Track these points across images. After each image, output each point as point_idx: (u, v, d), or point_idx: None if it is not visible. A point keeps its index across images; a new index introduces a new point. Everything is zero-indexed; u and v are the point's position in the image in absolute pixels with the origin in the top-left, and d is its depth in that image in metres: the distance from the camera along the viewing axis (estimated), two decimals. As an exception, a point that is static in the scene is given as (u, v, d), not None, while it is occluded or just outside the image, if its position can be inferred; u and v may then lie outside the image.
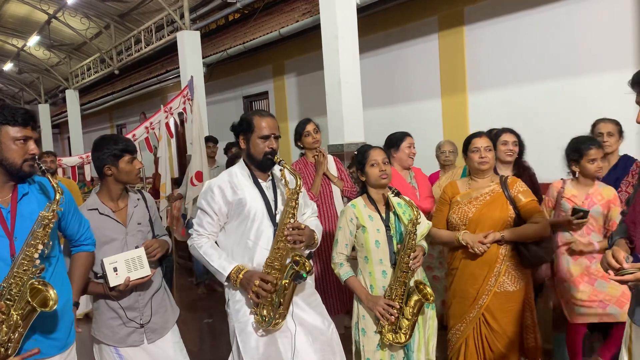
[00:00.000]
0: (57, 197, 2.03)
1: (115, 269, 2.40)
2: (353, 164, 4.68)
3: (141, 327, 2.56)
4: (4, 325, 1.90)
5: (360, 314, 2.70)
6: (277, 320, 2.43)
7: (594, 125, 3.54)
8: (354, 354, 2.76)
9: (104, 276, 2.42)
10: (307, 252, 2.50)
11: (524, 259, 2.88)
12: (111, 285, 2.42)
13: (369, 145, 2.84)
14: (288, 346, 2.47)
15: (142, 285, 2.53)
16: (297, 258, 2.41)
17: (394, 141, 3.80)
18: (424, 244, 2.80)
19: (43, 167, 2.08)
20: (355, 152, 2.80)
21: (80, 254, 2.39)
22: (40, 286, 1.94)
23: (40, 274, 2.00)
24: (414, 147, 3.77)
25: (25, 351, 2.01)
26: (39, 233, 1.97)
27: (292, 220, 2.46)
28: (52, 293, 1.95)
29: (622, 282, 1.78)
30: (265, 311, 2.43)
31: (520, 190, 2.91)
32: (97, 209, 2.54)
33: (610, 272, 1.79)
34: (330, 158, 4.03)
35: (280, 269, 2.43)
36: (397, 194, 2.63)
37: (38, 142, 2.15)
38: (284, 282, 2.41)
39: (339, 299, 3.84)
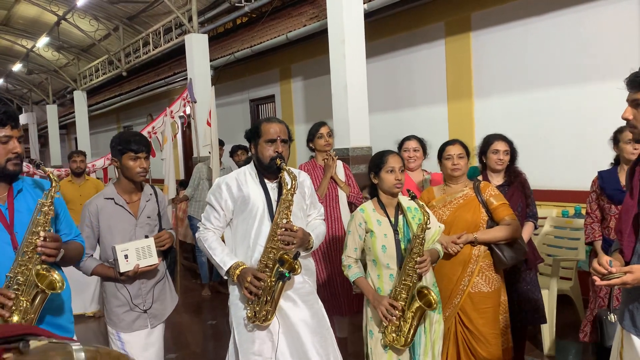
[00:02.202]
0: (54, 184, 2.06)
1: (126, 256, 2.57)
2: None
3: (145, 312, 2.73)
4: (14, 313, 1.93)
5: (369, 315, 2.74)
6: (264, 317, 2.49)
7: (620, 132, 3.25)
8: (365, 356, 2.78)
9: (115, 261, 2.58)
10: (294, 251, 2.53)
11: (498, 260, 3.00)
12: (121, 270, 2.57)
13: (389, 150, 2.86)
14: (280, 343, 2.55)
15: (146, 273, 2.68)
16: (285, 257, 2.47)
17: (398, 145, 3.95)
18: (439, 247, 2.81)
19: (36, 162, 2.16)
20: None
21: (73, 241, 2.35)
22: (44, 272, 2.01)
23: (44, 263, 2.04)
24: (412, 151, 3.83)
25: None
26: (40, 220, 2.01)
27: (285, 221, 2.51)
28: (56, 276, 2.01)
29: (609, 285, 1.82)
30: (256, 307, 2.50)
31: (492, 194, 3.05)
32: (113, 198, 2.72)
33: (597, 277, 1.83)
34: (339, 163, 4.05)
35: (272, 267, 2.49)
36: (413, 197, 2.65)
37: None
38: (270, 280, 2.46)
39: (346, 301, 3.86)
